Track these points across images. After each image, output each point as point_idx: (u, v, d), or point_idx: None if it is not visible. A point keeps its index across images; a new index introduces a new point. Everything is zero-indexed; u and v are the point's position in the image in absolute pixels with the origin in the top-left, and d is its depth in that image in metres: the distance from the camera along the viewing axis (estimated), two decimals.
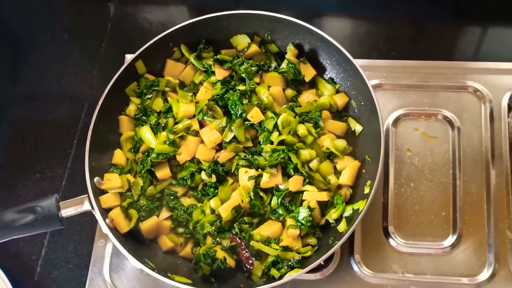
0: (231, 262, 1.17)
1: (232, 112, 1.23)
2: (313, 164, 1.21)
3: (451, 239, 1.22)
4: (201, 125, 1.26)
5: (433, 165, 1.29)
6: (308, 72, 1.30)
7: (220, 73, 1.29)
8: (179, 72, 1.33)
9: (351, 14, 1.58)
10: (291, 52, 1.30)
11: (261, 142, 1.23)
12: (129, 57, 1.30)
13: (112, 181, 1.19)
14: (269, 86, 1.28)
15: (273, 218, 1.20)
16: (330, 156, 1.24)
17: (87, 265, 1.27)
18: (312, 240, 1.18)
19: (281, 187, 1.20)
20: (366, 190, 1.15)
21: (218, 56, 1.31)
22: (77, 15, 1.65)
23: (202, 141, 1.23)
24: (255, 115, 1.22)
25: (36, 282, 1.29)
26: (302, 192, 1.19)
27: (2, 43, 1.62)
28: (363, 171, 1.21)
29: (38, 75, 1.56)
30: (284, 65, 1.29)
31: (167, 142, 1.22)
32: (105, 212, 1.16)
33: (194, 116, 1.26)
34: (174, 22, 1.31)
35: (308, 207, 1.16)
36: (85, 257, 1.29)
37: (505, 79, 1.35)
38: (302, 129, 1.22)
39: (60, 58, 1.58)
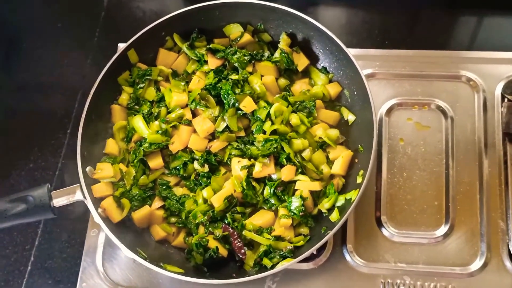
0: (223, 251, 1.17)
1: (224, 101, 1.23)
2: (306, 153, 1.21)
3: (443, 229, 1.22)
4: (194, 114, 1.25)
5: (426, 154, 1.29)
6: (301, 61, 1.29)
7: (213, 62, 1.28)
8: (171, 61, 1.32)
9: (346, 3, 1.57)
10: (284, 42, 1.29)
11: (253, 132, 1.23)
12: (121, 46, 1.30)
13: (105, 170, 1.19)
14: (262, 76, 1.27)
15: (266, 208, 1.20)
16: (322, 145, 1.23)
17: (80, 254, 1.27)
18: (305, 230, 1.18)
19: (274, 176, 1.20)
20: (359, 180, 1.15)
21: (211, 45, 1.30)
22: (70, 4, 1.64)
23: (194, 131, 1.23)
24: (247, 104, 1.21)
25: (30, 271, 1.29)
26: (294, 181, 1.19)
27: None
28: (356, 160, 1.21)
29: (31, 64, 1.56)
30: (277, 54, 1.29)
31: (160, 132, 1.22)
32: (97, 201, 1.16)
33: (186, 105, 1.26)
34: (168, 11, 1.30)
35: (301, 196, 1.16)
36: (79, 247, 1.29)
37: (498, 68, 1.34)
38: (294, 119, 1.22)
39: (53, 47, 1.57)
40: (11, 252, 1.31)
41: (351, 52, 1.21)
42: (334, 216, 1.14)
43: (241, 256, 1.16)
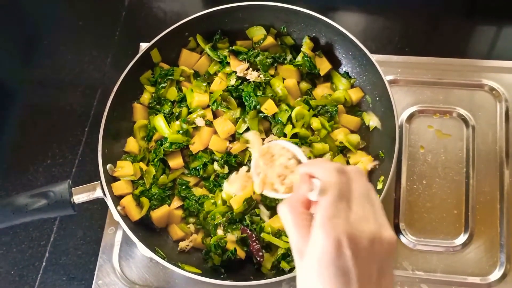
0: (241, 253, 1.16)
1: (246, 103, 1.23)
2: (326, 158, 1.21)
3: (462, 238, 1.21)
4: (215, 115, 1.25)
5: (446, 162, 1.28)
6: (324, 65, 1.29)
7: (235, 64, 1.28)
8: (194, 62, 1.32)
9: (366, 9, 1.57)
10: (306, 45, 1.29)
11: (274, 135, 1.22)
12: (143, 46, 1.30)
13: (125, 168, 1.19)
14: (283, 79, 1.27)
15: None
16: (343, 150, 1.23)
17: (95, 252, 1.27)
18: None
19: None
20: (379, 186, 1.15)
21: (233, 47, 1.30)
22: (91, 3, 1.65)
23: (215, 132, 1.23)
24: (269, 107, 1.21)
25: (44, 267, 1.29)
26: None
27: (16, 28, 1.62)
28: (376, 166, 1.20)
29: (51, 62, 1.56)
30: (299, 58, 1.29)
31: (181, 132, 1.22)
32: (116, 199, 1.16)
33: (208, 106, 1.26)
34: (189, 12, 1.30)
35: None
36: (94, 244, 1.29)
37: None
38: (315, 123, 1.22)
39: (73, 45, 1.58)
40: (27, 247, 1.31)
41: (374, 57, 1.21)
42: None
43: (258, 259, 1.16)
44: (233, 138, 1.24)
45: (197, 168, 1.22)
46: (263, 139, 1.22)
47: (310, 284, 0.63)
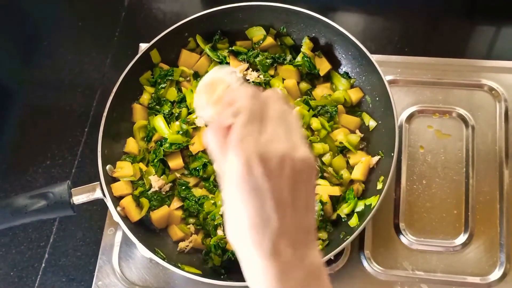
0: None
1: None
2: (326, 158, 1.21)
3: (462, 238, 1.21)
4: None
5: (446, 162, 1.28)
6: (323, 66, 1.29)
7: (235, 64, 1.28)
8: (193, 62, 1.32)
9: (366, 9, 1.57)
10: (306, 46, 1.29)
11: None
12: (143, 46, 1.30)
13: (124, 169, 1.19)
14: (283, 79, 1.27)
15: None
16: (342, 150, 1.23)
17: (95, 253, 1.27)
18: (323, 235, 1.17)
19: None
20: (379, 186, 1.15)
21: (233, 48, 1.30)
22: (90, 3, 1.65)
23: None
24: None
25: (44, 268, 1.29)
26: None
27: (15, 29, 1.61)
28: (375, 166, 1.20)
29: (51, 62, 1.56)
30: (299, 58, 1.29)
31: (180, 132, 1.22)
32: (116, 200, 1.16)
33: None
34: (189, 13, 1.30)
35: (320, 201, 1.15)
36: (93, 246, 1.28)
37: None
38: (315, 123, 1.22)
39: (73, 45, 1.58)
40: (26, 249, 1.31)
41: (373, 58, 1.21)
42: (353, 221, 1.14)
43: None
44: None
45: (197, 168, 1.22)
46: None
47: (231, 200, 0.66)
